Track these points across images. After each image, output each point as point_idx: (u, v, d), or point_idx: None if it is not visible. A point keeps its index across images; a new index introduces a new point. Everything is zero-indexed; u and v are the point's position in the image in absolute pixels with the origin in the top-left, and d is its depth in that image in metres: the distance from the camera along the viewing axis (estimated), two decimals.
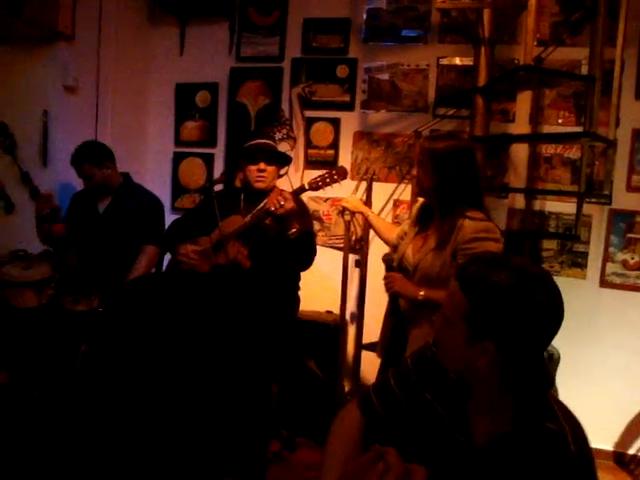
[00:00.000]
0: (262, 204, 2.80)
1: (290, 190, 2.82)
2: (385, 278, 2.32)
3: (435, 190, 2.23)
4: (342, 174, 2.71)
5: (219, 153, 4.06)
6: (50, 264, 3.05)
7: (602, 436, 3.24)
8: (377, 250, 2.81)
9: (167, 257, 3.25)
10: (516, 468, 1.09)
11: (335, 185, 2.75)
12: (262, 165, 2.82)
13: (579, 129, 3.09)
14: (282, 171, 3.20)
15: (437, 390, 1.30)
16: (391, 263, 2.37)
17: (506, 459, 1.11)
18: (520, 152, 3.47)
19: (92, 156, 3.20)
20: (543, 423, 1.12)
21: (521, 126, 3.45)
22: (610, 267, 3.36)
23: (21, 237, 3.37)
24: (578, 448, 1.09)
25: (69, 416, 2.83)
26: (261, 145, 2.90)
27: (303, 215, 2.84)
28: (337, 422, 1.47)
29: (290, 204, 2.59)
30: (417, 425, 1.31)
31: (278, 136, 3.77)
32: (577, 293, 3.33)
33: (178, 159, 4.18)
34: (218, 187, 3.13)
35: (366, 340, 3.36)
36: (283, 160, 2.96)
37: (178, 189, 4.18)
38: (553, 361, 3.14)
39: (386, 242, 2.70)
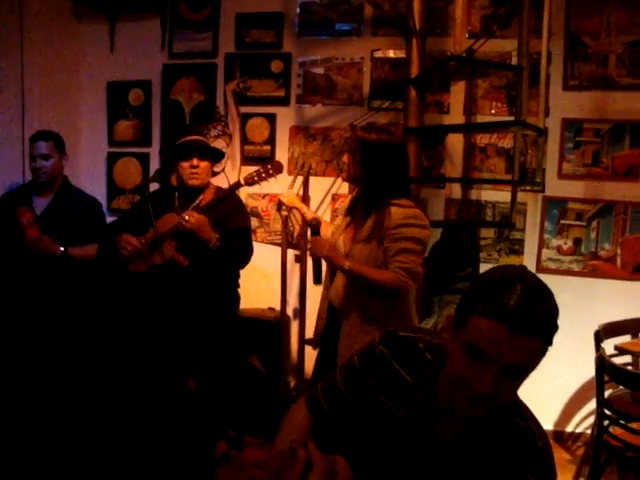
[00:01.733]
0: (197, 200, 2.75)
1: (226, 186, 2.78)
2: (311, 242, 2.29)
3: (362, 180, 2.27)
4: (277, 169, 2.69)
5: (154, 152, 3.98)
6: None
7: (542, 416, 3.31)
8: None
9: None
10: (485, 463, 1.10)
11: (272, 180, 2.73)
12: (195, 161, 2.76)
13: (511, 119, 3.15)
14: (218, 168, 3.15)
15: (391, 392, 1.25)
16: (318, 228, 2.35)
17: (475, 455, 1.11)
18: (456, 143, 3.52)
19: (59, 140, 3.13)
20: (511, 419, 1.13)
21: (455, 117, 3.50)
22: (546, 253, 3.45)
23: None
24: (544, 444, 1.12)
25: None
26: (193, 141, 2.84)
27: (238, 212, 2.81)
28: (285, 421, 1.45)
29: (193, 219, 2.59)
30: (368, 425, 1.28)
31: (213, 133, 3.72)
32: None
33: (113, 159, 4.08)
34: (154, 186, 3.06)
35: (309, 335, 3.34)
36: (216, 156, 2.91)
37: (114, 190, 4.08)
38: None
39: None
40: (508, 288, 1.01)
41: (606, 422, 2.67)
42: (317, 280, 2.35)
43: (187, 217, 2.59)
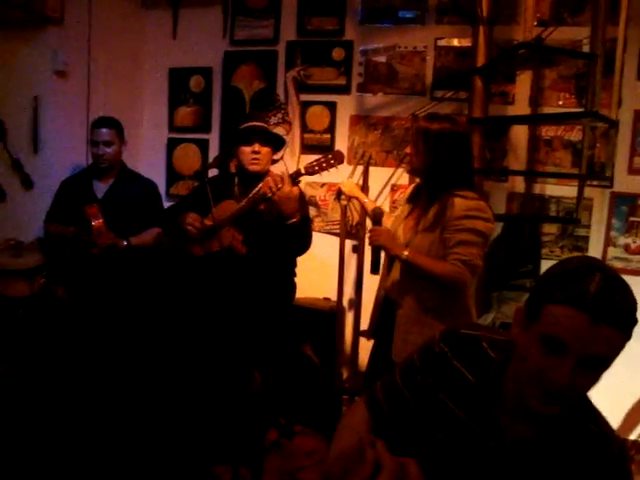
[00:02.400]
0: (257, 188, 2.74)
1: (287, 174, 2.76)
2: (371, 231, 2.26)
3: (426, 170, 2.22)
4: (339, 158, 2.65)
5: (214, 138, 4.00)
6: (41, 252, 3.00)
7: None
8: None
9: None
10: (555, 469, 1.05)
11: (332, 170, 2.69)
12: (256, 146, 2.75)
13: (580, 110, 3.03)
14: (277, 156, 3.13)
15: (452, 391, 1.20)
16: (380, 218, 2.31)
17: (543, 460, 1.07)
18: (520, 135, 3.41)
19: (120, 128, 3.21)
20: (584, 424, 1.08)
21: (521, 108, 3.39)
22: (612, 251, 3.31)
23: (13, 225, 3.32)
24: (620, 450, 1.07)
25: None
26: (255, 127, 2.83)
27: (300, 200, 2.78)
28: (344, 419, 1.42)
29: (288, 186, 2.53)
30: (427, 425, 1.23)
31: (273, 120, 3.71)
32: None
33: (172, 145, 4.12)
34: (213, 172, 3.07)
35: (364, 326, 3.30)
36: (277, 142, 2.88)
37: (173, 176, 4.12)
38: None
39: None
40: (587, 276, 0.97)
41: None
42: (374, 270, 2.31)
43: (280, 184, 2.54)
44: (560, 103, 3.32)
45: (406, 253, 2.14)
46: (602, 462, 1.03)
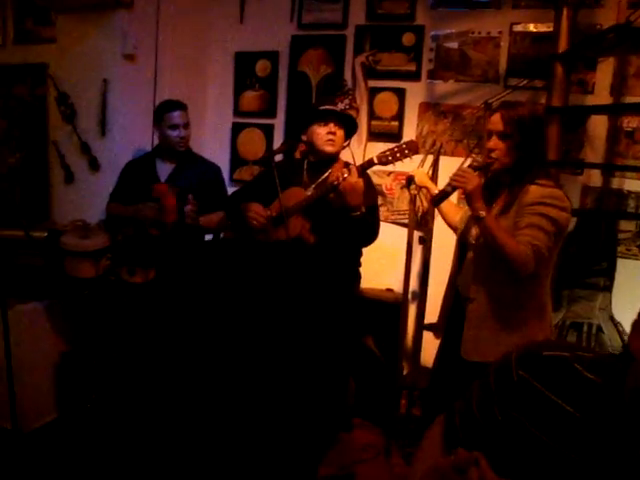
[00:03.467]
0: (325, 175, 2.68)
1: (354, 163, 2.69)
2: (464, 171, 2.09)
3: (516, 164, 2.09)
4: (413, 149, 2.55)
5: (279, 124, 3.97)
6: (108, 234, 3.03)
7: None
8: (443, 226, 2.66)
9: None
10: None
11: (404, 160, 2.61)
12: (332, 127, 2.68)
13: None
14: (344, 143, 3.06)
15: (548, 425, 1.03)
16: (445, 197, 2.21)
17: None
18: (599, 125, 3.24)
19: (186, 109, 3.19)
20: None
21: (601, 97, 3.21)
22: None
23: (80, 207, 3.37)
24: None
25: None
26: (331, 108, 2.78)
27: (369, 189, 2.70)
28: (426, 436, 1.30)
29: (354, 177, 2.46)
30: (517, 459, 1.11)
31: (341, 106, 3.63)
32: None
33: (237, 130, 4.10)
34: (278, 158, 3.03)
35: (428, 320, 3.23)
36: (350, 126, 2.80)
37: (237, 160, 4.11)
38: None
39: (449, 224, 2.57)
40: None
41: None
42: (436, 203, 2.25)
43: (346, 175, 2.48)
44: None
45: (485, 213, 2.01)
46: None
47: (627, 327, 3.03)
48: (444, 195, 2.17)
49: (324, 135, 2.68)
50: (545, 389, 1.05)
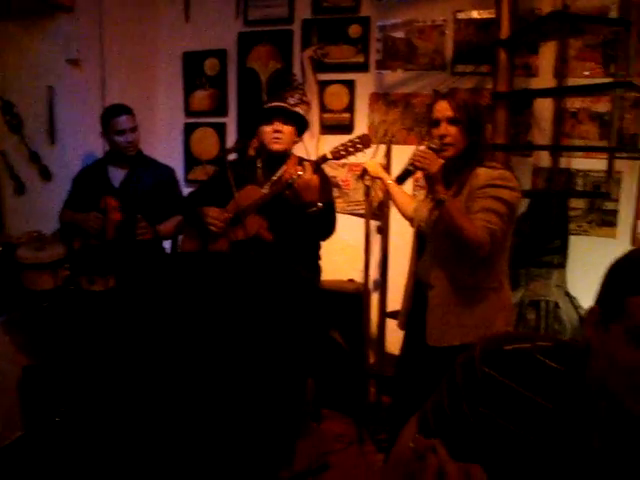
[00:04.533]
0: (280, 172, 2.68)
1: (307, 157, 2.70)
2: (424, 152, 2.08)
3: (468, 149, 2.14)
4: (366, 143, 2.58)
5: (231, 122, 3.96)
6: (64, 244, 2.98)
7: None
8: (399, 215, 2.70)
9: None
10: None
11: (357, 154, 2.63)
12: (278, 125, 2.69)
13: (609, 80, 2.94)
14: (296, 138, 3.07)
15: (515, 416, 1.07)
16: (407, 177, 2.21)
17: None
18: (544, 108, 3.31)
19: (132, 112, 3.13)
20: None
21: (545, 80, 3.29)
22: None
23: (33, 217, 3.31)
24: None
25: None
26: (276, 106, 2.77)
27: (324, 184, 2.72)
28: (400, 435, 1.30)
29: (308, 174, 2.47)
30: (490, 450, 1.10)
31: (291, 101, 3.63)
32: (608, 253, 3.14)
33: (189, 130, 4.08)
34: (232, 157, 3.02)
35: (390, 308, 3.27)
36: (299, 122, 2.81)
37: (191, 161, 4.09)
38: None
39: (403, 214, 2.60)
40: None
41: None
42: (401, 181, 2.23)
43: (300, 172, 2.48)
44: (586, 73, 3.20)
45: (446, 197, 2.02)
46: None
47: (582, 302, 3.13)
48: (407, 173, 2.17)
49: (270, 133, 2.69)
50: (510, 382, 1.08)
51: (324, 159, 2.58)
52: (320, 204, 2.52)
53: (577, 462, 1.03)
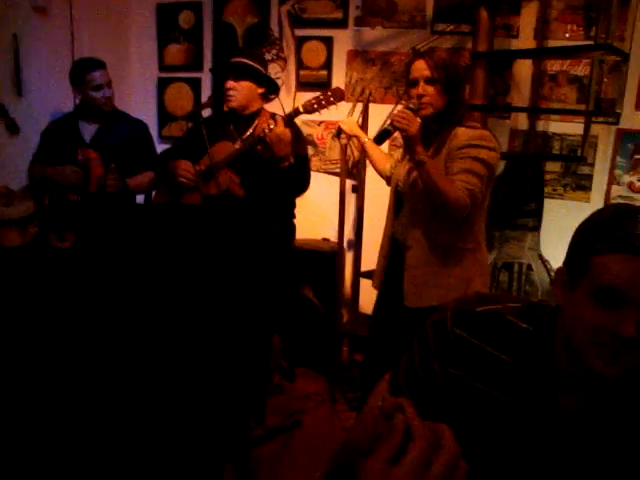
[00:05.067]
0: (252, 128, 2.64)
1: (283, 114, 2.65)
2: (403, 113, 2.04)
3: (446, 109, 2.11)
4: (338, 96, 2.55)
5: (206, 77, 3.86)
6: (33, 200, 2.91)
7: None
8: (375, 174, 2.68)
9: None
10: (622, 438, 0.99)
11: (331, 108, 2.60)
12: (229, 83, 2.64)
13: (589, 43, 2.91)
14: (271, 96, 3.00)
15: (485, 376, 1.08)
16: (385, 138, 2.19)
17: (608, 429, 1.00)
18: (524, 70, 3.29)
19: (105, 66, 3.02)
20: None
21: (525, 41, 3.25)
22: (615, 190, 3.23)
23: (0, 173, 3.21)
24: None
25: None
26: (231, 62, 2.70)
27: (298, 139, 2.68)
28: (370, 399, 1.33)
29: (280, 128, 2.44)
30: (458, 413, 1.12)
31: (267, 57, 3.56)
32: (581, 216, 3.12)
33: (163, 85, 3.98)
34: (207, 112, 2.96)
35: (364, 268, 3.27)
36: (257, 77, 2.72)
37: (165, 117, 4.00)
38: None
39: (379, 172, 2.59)
40: (629, 220, 0.90)
41: None
42: (379, 141, 2.20)
43: (272, 125, 2.45)
44: (567, 36, 3.17)
45: (425, 158, 1.99)
46: None
47: (555, 265, 3.16)
48: (386, 133, 2.14)
49: (225, 91, 2.66)
50: (481, 343, 1.09)
51: (296, 112, 2.55)
52: (292, 159, 2.49)
53: (544, 420, 1.05)
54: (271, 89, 2.80)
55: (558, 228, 3.21)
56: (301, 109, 2.55)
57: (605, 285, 0.91)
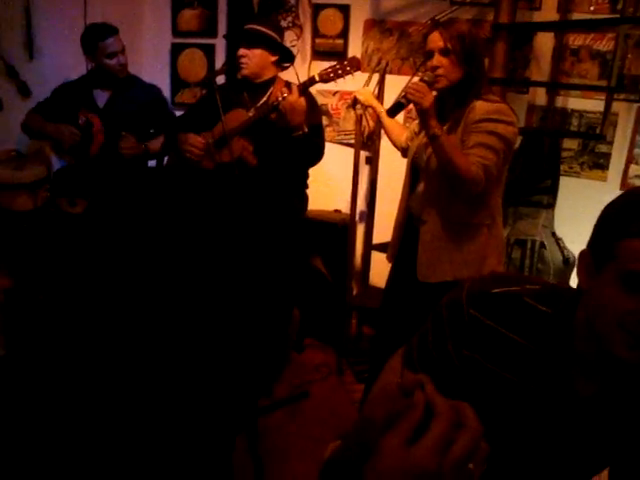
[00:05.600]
0: (266, 96, 2.60)
1: (298, 82, 2.61)
2: (417, 85, 2.02)
3: (462, 81, 2.06)
4: (355, 65, 2.50)
5: (220, 43, 3.79)
6: (44, 164, 2.90)
7: None
8: (389, 146, 2.64)
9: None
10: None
11: (346, 77, 2.55)
12: (241, 50, 2.60)
13: (615, 17, 2.83)
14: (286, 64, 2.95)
15: (501, 359, 1.06)
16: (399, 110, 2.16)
17: (626, 414, 0.99)
18: (545, 43, 3.22)
19: (118, 32, 2.98)
20: None
21: (548, 14, 3.17)
22: (633, 169, 3.18)
23: (12, 136, 3.19)
24: None
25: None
26: (244, 29, 2.66)
27: (312, 108, 2.63)
28: (381, 375, 1.30)
29: (294, 96, 2.40)
30: (474, 393, 1.10)
31: (283, 24, 3.49)
32: (597, 196, 3.16)
33: (176, 51, 3.91)
34: (220, 79, 2.91)
35: (376, 240, 3.25)
36: (271, 44, 2.67)
37: (178, 83, 3.95)
38: (569, 265, 3.05)
39: (394, 144, 2.55)
40: None
41: None
42: (392, 113, 2.18)
43: (286, 94, 2.41)
44: (592, 9, 3.09)
45: (439, 132, 1.96)
46: None
47: (568, 243, 3.12)
48: (399, 106, 2.11)
49: (238, 59, 2.61)
50: (497, 325, 1.07)
51: (312, 81, 2.50)
52: (306, 128, 2.45)
53: (561, 404, 1.03)
54: (285, 57, 2.76)
55: (573, 207, 3.17)
56: (317, 78, 2.50)
57: (632, 270, 0.88)
